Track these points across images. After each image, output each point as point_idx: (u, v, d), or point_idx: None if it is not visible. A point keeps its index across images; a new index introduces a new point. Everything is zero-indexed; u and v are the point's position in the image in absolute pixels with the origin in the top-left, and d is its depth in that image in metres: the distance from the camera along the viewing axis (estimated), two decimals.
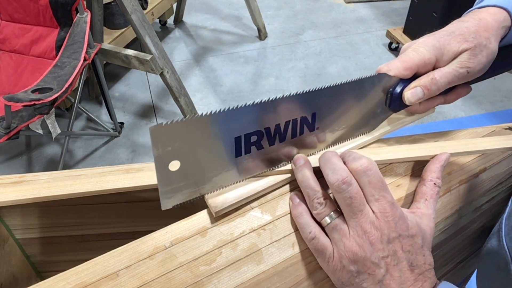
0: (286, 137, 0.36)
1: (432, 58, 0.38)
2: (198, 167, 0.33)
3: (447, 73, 0.38)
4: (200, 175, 0.33)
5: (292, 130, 0.36)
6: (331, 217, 0.33)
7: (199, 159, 0.32)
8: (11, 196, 0.38)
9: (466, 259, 0.53)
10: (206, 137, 0.31)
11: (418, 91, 0.39)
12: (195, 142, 0.31)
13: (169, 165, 0.31)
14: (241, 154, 0.34)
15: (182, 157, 0.31)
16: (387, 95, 0.40)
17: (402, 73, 0.39)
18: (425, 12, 2.00)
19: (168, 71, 1.61)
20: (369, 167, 0.33)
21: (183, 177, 0.32)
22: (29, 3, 1.40)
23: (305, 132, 0.37)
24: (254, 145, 0.34)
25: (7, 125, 1.15)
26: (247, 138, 0.33)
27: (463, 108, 1.92)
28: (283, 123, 0.35)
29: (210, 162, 0.33)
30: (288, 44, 2.35)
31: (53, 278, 0.31)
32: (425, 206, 0.36)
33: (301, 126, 0.36)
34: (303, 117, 0.35)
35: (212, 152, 0.33)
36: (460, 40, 0.38)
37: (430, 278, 0.33)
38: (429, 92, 0.39)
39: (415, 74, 0.39)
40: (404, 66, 0.39)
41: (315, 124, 0.37)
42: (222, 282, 0.32)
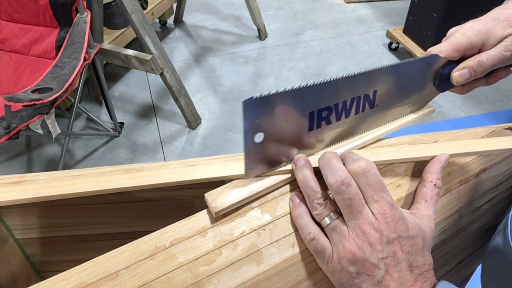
0: (350, 113, 0.39)
1: (479, 41, 0.40)
2: (277, 140, 0.35)
3: (492, 56, 0.40)
4: (278, 148, 0.36)
5: (356, 106, 0.39)
6: (331, 218, 0.33)
7: (279, 132, 0.35)
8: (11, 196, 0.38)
9: (466, 259, 0.53)
10: (287, 111, 0.34)
11: (465, 72, 0.41)
12: (278, 116, 0.34)
13: (255, 137, 0.33)
14: (313, 128, 0.37)
15: (266, 130, 0.34)
16: (436, 75, 0.43)
17: (451, 55, 0.41)
18: (425, 12, 2.00)
19: (168, 71, 1.61)
20: (368, 169, 0.33)
21: (264, 149, 0.35)
22: (29, 3, 1.40)
23: (366, 109, 0.40)
24: (324, 120, 0.37)
25: (7, 125, 1.15)
26: (319, 113, 0.36)
27: (463, 108, 1.92)
28: (349, 100, 0.38)
29: (287, 136, 0.36)
30: (288, 44, 2.35)
31: (53, 278, 0.31)
32: (425, 207, 0.36)
33: (363, 103, 0.39)
34: (366, 94, 0.39)
35: (290, 126, 0.35)
36: (504, 25, 0.40)
37: (429, 279, 0.33)
38: (475, 73, 0.41)
39: (462, 56, 0.42)
40: (453, 48, 0.41)
41: (375, 101, 0.40)
42: (222, 282, 0.32)
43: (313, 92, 0.34)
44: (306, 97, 0.34)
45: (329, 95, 0.36)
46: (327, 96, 0.36)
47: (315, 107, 0.36)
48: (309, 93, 0.34)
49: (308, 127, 0.37)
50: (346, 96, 0.37)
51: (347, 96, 0.37)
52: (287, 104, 0.34)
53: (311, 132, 0.37)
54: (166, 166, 0.39)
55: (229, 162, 0.39)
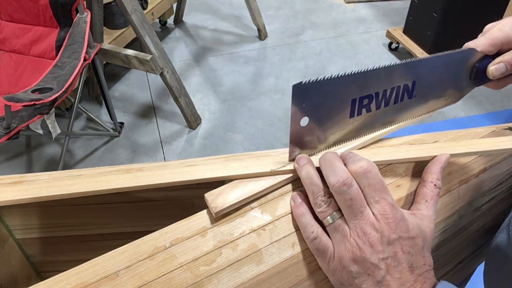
0: (389, 102, 0.40)
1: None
2: (321, 125, 0.37)
3: None
4: (321, 133, 0.38)
5: (395, 96, 0.39)
6: (333, 217, 0.33)
7: (322, 118, 0.37)
8: (11, 196, 0.38)
9: (466, 259, 0.53)
10: (332, 97, 0.36)
11: (501, 66, 0.41)
12: (323, 101, 0.35)
13: (301, 121, 0.35)
14: (354, 115, 0.38)
15: (312, 114, 0.35)
16: (473, 69, 0.43)
17: (488, 49, 0.41)
18: (425, 12, 2.00)
19: (168, 71, 1.61)
20: (369, 169, 0.33)
21: (308, 133, 0.37)
22: (29, 3, 1.40)
23: (405, 99, 0.41)
24: (365, 107, 0.38)
25: (7, 125, 1.15)
26: (361, 100, 0.37)
27: (463, 108, 1.92)
28: (389, 89, 0.39)
29: (329, 121, 0.37)
30: (288, 44, 2.35)
31: (53, 278, 0.31)
32: (426, 208, 0.36)
33: (402, 92, 0.40)
34: (405, 85, 0.39)
35: (332, 112, 0.37)
36: None
37: (429, 279, 0.33)
38: (511, 68, 0.41)
39: (499, 51, 0.42)
40: (490, 43, 0.41)
41: (414, 92, 0.41)
42: (222, 283, 0.32)
43: (357, 80, 0.36)
44: (350, 84, 0.36)
45: (371, 84, 0.37)
46: (369, 85, 0.37)
47: (357, 95, 0.37)
48: (352, 80, 0.35)
49: (349, 114, 0.38)
50: (387, 85, 0.38)
51: (388, 85, 0.38)
52: (332, 90, 0.35)
53: (352, 119, 0.38)
54: (166, 166, 0.39)
55: (229, 162, 0.39)
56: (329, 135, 0.39)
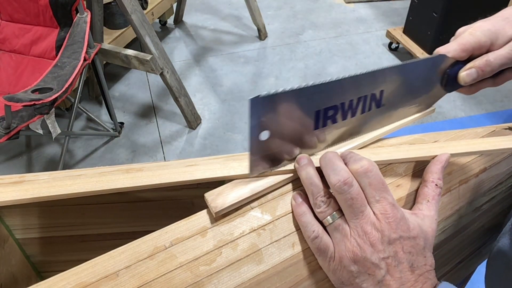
0: (356, 112, 0.39)
1: (487, 41, 0.40)
2: (282, 138, 0.36)
3: (501, 55, 0.40)
4: (283, 146, 0.36)
5: (362, 105, 0.39)
6: (333, 216, 0.33)
7: (284, 131, 0.35)
8: (11, 196, 0.38)
9: (466, 259, 0.53)
10: (293, 110, 0.34)
11: (473, 72, 0.41)
12: (284, 114, 0.34)
13: (260, 135, 0.34)
14: (318, 127, 0.37)
15: (272, 128, 0.34)
16: (444, 75, 0.42)
17: (459, 55, 0.41)
18: (425, 12, 2.00)
19: (168, 71, 1.61)
20: (370, 169, 0.33)
21: (269, 147, 0.35)
22: (29, 3, 1.40)
23: (373, 108, 0.40)
24: (330, 119, 0.37)
25: (7, 125, 1.15)
26: (326, 112, 0.36)
27: (463, 108, 1.92)
28: (355, 99, 0.38)
29: (292, 134, 0.36)
30: (288, 44, 2.35)
31: (53, 278, 0.31)
32: (427, 208, 0.36)
33: (370, 102, 0.39)
34: (372, 94, 0.38)
35: (295, 125, 0.36)
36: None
37: (430, 279, 0.33)
38: (483, 73, 0.41)
39: (470, 56, 0.41)
40: (461, 48, 0.41)
41: (382, 101, 0.40)
42: (222, 282, 0.32)
43: (320, 91, 0.35)
44: (313, 96, 0.35)
45: (336, 94, 0.36)
46: (334, 95, 0.36)
47: (321, 106, 0.36)
48: (315, 92, 0.34)
49: (313, 126, 0.37)
50: (353, 95, 0.37)
51: (354, 95, 0.37)
52: (294, 102, 0.34)
53: (317, 131, 0.37)
54: (166, 166, 0.39)
55: (229, 162, 0.39)
56: (292, 147, 0.37)
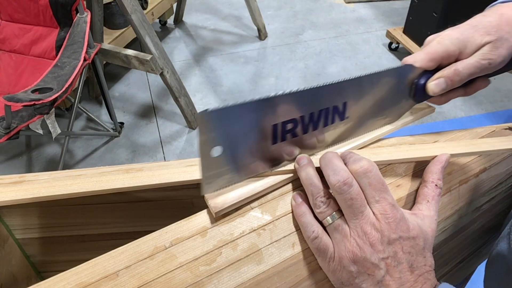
0: (318, 125, 0.37)
1: (455, 50, 0.40)
2: (237, 153, 0.34)
3: (469, 65, 0.39)
4: (239, 162, 0.35)
5: (324, 118, 0.37)
6: (333, 217, 0.33)
7: (238, 146, 0.34)
8: (11, 196, 0.38)
9: (466, 259, 0.53)
10: (247, 124, 0.33)
11: (441, 82, 0.40)
12: (237, 129, 0.32)
13: (212, 151, 0.32)
14: (277, 141, 0.35)
15: (225, 143, 0.32)
16: (412, 86, 0.42)
17: (427, 65, 0.40)
18: (425, 12, 2.00)
19: (168, 71, 1.61)
20: (370, 169, 0.33)
21: (223, 163, 0.33)
22: (29, 3, 1.40)
23: (336, 121, 0.38)
24: (289, 132, 0.35)
25: (7, 125, 1.15)
26: (284, 126, 0.35)
27: (463, 108, 1.92)
28: (316, 112, 0.36)
29: (248, 149, 0.34)
30: (288, 44, 2.35)
31: (53, 278, 0.31)
32: (427, 208, 0.36)
33: (332, 115, 0.37)
34: (335, 106, 0.37)
35: (251, 139, 0.34)
36: (482, 33, 0.39)
37: (430, 280, 0.33)
38: (452, 83, 0.40)
39: (439, 65, 0.41)
40: (429, 58, 0.40)
41: (345, 113, 0.38)
42: (222, 282, 0.32)
43: (276, 104, 0.33)
44: (269, 109, 0.33)
45: (294, 107, 0.34)
46: (292, 109, 0.34)
47: (278, 120, 0.34)
48: (271, 105, 0.33)
49: (271, 140, 0.35)
50: (313, 108, 0.36)
51: (314, 108, 0.36)
52: (247, 116, 0.32)
53: (276, 145, 0.35)
54: (166, 166, 0.39)
55: None
56: (249, 163, 0.35)
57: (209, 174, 0.33)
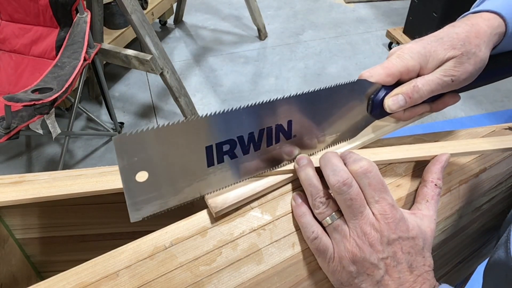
0: (260, 145, 0.34)
1: (416, 65, 0.37)
2: (168, 177, 0.31)
3: (430, 81, 0.37)
4: (171, 186, 0.32)
5: (267, 138, 0.34)
6: (332, 217, 0.33)
7: (168, 169, 0.31)
8: (11, 196, 0.38)
9: (465, 259, 0.53)
10: (175, 147, 0.30)
11: (399, 99, 0.37)
12: (163, 152, 0.30)
13: (136, 176, 0.30)
14: (214, 163, 0.33)
15: (150, 167, 0.30)
16: (369, 102, 0.39)
17: (384, 80, 0.37)
18: (425, 12, 2.00)
19: (168, 71, 1.61)
20: (369, 169, 0.33)
21: (152, 188, 0.31)
22: (29, 3, 1.40)
23: (282, 140, 0.35)
24: (227, 154, 0.33)
25: (7, 125, 1.15)
26: (219, 147, 0.32)
27: (463, 108, 1.92)
28: (257, 132, 0.33)
29: (181, 173, 0.32)
30: (288, 44, 2.35)
31: (53, 278, 0.31)
32: (426, 208, 0.36)
33: (276, 134, 0.35)
34: (278, 125, 0.34)
35: (182, 162, 0.31)
36: (447, 47, 0.37)
37: (429, 280, 0.33)
38: (411, 100, 0.37)
39: (399, 81, 0.38)
40: (386, 73, 0.37)
41: (292, 132, 0.36)
42: (222, 282, 0.32)
43: (206, 126, 0.30)
44: (199, 131, 0.30)
45: (230, 128, 0.32)
46: (227, 129, 0.32)
47: (212, 141, 0.32)
48: (200, 127, 0.30)
49: (206, 163, 0.32)
50: (252, 127, 0.33)
51: (254, 128, 0.33)
52: (174, 139, 0.30)
53: (212, 168, 0.33)
54: None
55: None
56: (183, 187, 0.33)
57: (136, 201, 0.31)
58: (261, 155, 0.35)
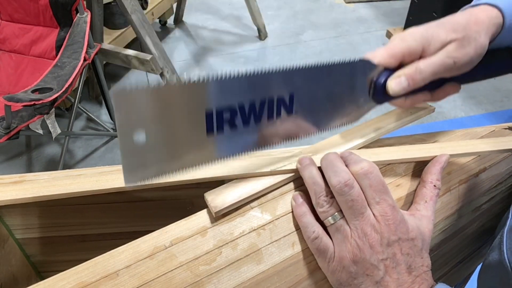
0: (261, 117, 0.33)
1: (418, 47, 0.37)
2: (166, 140, 0.30)
3: (432, 63, 0.37)
4: (168, 150, 0.31)
5: (268, 110, 0.33)
6: (335, 217, 0.33)
7: (167, 132, 0.30)
8: (11, 196, 0.38)
9: (465, 259, 0.53)
10: (176, 108, 0.29)
11: (402, 80, 0.37)
12: (164, 112, 0.29)
13: (133, 135, 0.28)
14: (213, 131, 0.32)
15: (149, 127, 0.29)
16: (371, 84, 0.38)
17: (386, 61, 0.37)
18: (425, 12, 2.00)
19: (168, 71, 1.61)
20: (370, 170, 0.33)
21: (149, 150, 0.29)
22: (29, 3, 1.40)
23: (283, 115, 0.34)
24: (227, 123, 0.32)
25: (7, 125, 1.15)
26: (219, 114, 0.31)
27: (463, 108, 1.92)
28: (258, 101, 0.32)
29: (180, 137, 0.30)
30: (288, 44, 2.35)
31: (53, 278, 0.31)
32: (425, 208, 0.36)
33: (278, 107, 0.34)
34: (279, 97, 0.33)
35: (182, 126, 0.30)
36: (448, 30, 0.37)
37: (427, 280, 0.33)
38: (413, 82, 0.37)
39: (401, 63, 0.38)
40: (388, 54, 0.37)
41: (293, 107, 0.34)
42: (222, 282, 0.32)
43: (208, 89, 0.29)
44: (200, 94, 0.29)
45: (231, 94, 0.31)
46: (229, 95, 0.31)
47: (212, 105, 0.30)
48: (203, 89, 0.29)
49: (206, 129, 0.31)
50: (254, 96, 0.32)
51: (255, 97, 0.32)
52: (174, 99, 0.29)
53: (212, 137, 0.32)
54: None
55: (229, 162, 0.39)
56: (181, 154, 0.31)
57: (132, 161, 0.29)
58: (261, 130, 0.34)
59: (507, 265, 0.34)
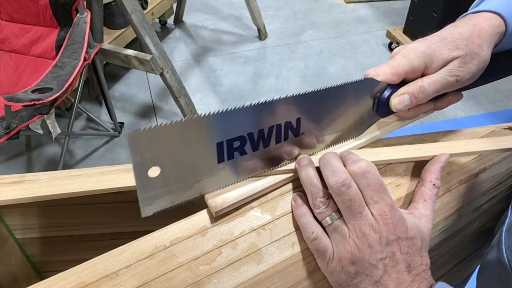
0: (270, 142, 0.35)
1: (421, 64, 0.37)
2: (179, 173, 0.32)
3: (435, 81, 0.37)
4: (182, 182, 0.33)
5: (276, 135, 0.35)
6: (332, 217, 0.33)
7: (180, 165, 0.32)
8: (11, 196, 0.38)
9: (465, 259, 0.53)
10: (187, 143, 0.31)
11: (405, 98, 0.38)
12: (176, 148, 0.30)
13: (148, 171, 0.30)
14: (224, 160, 0.33)
15: (162, 163, 0.30)
16: (374, 100, 0.39)
17: (390, 79, 0.38)
18: (425, 12, 2.00)
19: (168, 71, 1.61)
20: (368, 170, 0.33)
21: (163, 184, 0.32)
22: (29, 3, 1.40)
23: (290, 138, 0.36)
24: (237, 150, 0.34)
25: (7, 125, 1.15)
26: (230, 143, 0.33)
27: (463, 108, 1.92)
28: (266, 128, 0.34)
29: (191, 168, 0.32)
30: (288, 44, 2.35)
31: (53, 278, 0.31)
32: (424, 207, 0.36)
33: (285, 131, 0.35)
34: (287, 122, 0.35)
35: (193, 158, 0.32)
36: (451, 47, 0.37)
37: (426, 279, 0.33)
38: (416, 100, 0.38)
39: (404, 80, 0.39)
40: (392, 72, 0.38)
41: (300, 129, 0.36)
42: (222, 282, 0.32)
43: (219, 122, 0.31)
44: (211, 127, 0.31)
45: (240, 125, 0.32)
46: (238, 126, 0.32)
47: (223, 138, 0.32)
48: (213, 123, 0.31)
49: (217, 159, 0.33)
50: (262, 124, 0.34)
51: (264, 125, 0.34)
52: (187, 135, 0.30)
53: (223, 164, 0.34)
54: None
55: None
56: (193, 183, 0.33)
57: (148, 196, 0.31)
58: (269, 152, 0.36)
59: (506, 263, 0.34)
